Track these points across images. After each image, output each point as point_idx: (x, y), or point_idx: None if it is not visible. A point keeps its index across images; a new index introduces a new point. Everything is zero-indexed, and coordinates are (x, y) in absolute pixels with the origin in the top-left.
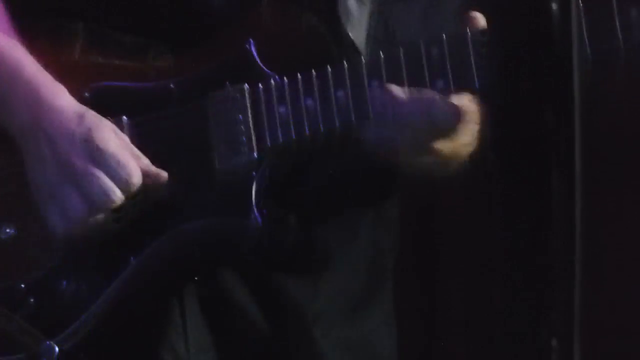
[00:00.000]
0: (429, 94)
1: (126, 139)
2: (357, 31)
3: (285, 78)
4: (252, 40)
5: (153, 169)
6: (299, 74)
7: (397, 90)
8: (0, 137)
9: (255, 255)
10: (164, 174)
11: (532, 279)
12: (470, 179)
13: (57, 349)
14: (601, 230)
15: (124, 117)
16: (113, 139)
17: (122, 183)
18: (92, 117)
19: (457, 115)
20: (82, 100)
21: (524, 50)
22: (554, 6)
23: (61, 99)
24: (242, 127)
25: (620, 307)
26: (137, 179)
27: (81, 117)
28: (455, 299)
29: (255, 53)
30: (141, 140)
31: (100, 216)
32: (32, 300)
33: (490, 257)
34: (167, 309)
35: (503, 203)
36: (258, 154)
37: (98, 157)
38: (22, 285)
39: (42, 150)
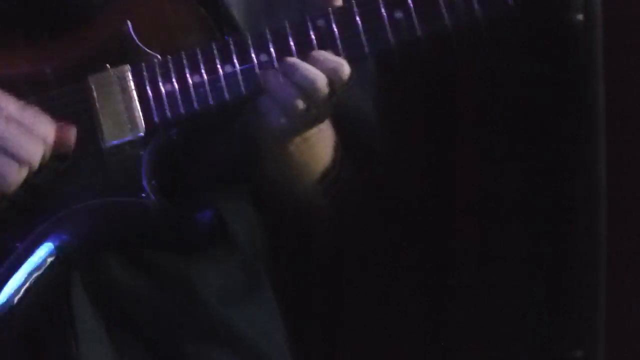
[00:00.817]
0: (319, 53)
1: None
2: (237, 8)
3: (169, 57)
4: (129, 22)
5: (60, 123)
6: (182, 52)
7: (289, 58)
8: None
9: (148, 234)
10: (73, 126)
11: (556, 289)
12: (489, 181)
13: None
14: (627, 236)
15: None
16: (11, 100)
17: (38, 133)
18: None
19: (349, 71)
20: None
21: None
22: (580, 17)
23: None
24: (127, 106)
25: None
26: (50, 128)
27: None
28: (473, 308)
29: (134, 34)
30: None
31: (26, 172)
32: None
33: (511, 265)
34: (53, 303)
35: (524, 208)
36: (145, 132)
37: (6, 118)
38: None
39: None
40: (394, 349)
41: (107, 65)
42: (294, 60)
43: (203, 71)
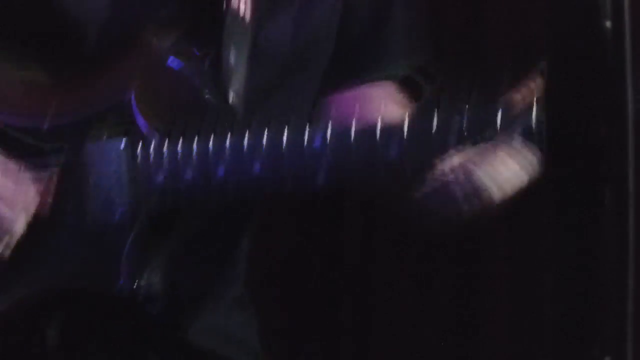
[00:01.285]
0: None
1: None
2: (237, 84)
3: (166, 143)
4: (133, 91)
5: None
6: (179, 143)
7: None
8: None
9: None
10: (50, 193)
11: (583, 294)
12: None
13: None
14: None
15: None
16: None
17: (20, 206)
18: None
19: None
20: None
21: (576, 64)
22: (608, 23)
23: None
24: (118, 185)
25: None
26: (31, 199)
27: None
28: (501, 314)
29: (135, 105)
30: None
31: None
32: None
33: (538, 271)
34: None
35: (552, 214)
36: (132, 214)
37: None
38: None
39: None
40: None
41: (105, 135)
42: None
43: (196, 169)
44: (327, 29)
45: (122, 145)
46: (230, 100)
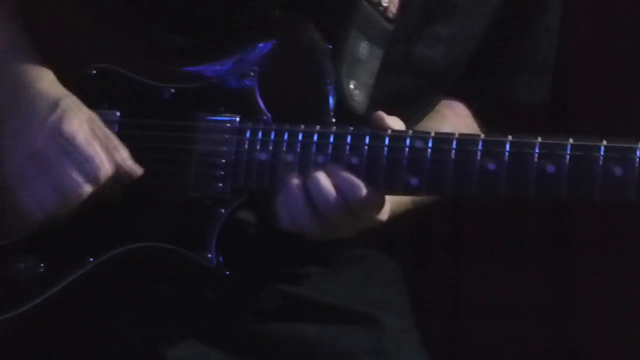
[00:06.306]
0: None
1: (102, 128)
2: (363, 78)
3: (274, 125)
4: (257, 69)
5: (128, 163)
6: (287, 126)
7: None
8: None
9: (201, 295)
10: (138, 170)
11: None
12: None
13: None
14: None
15: (117, 113)
16: (84, 129)
17: (90, 176)
18: (66, 105)
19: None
20: (86, 77)
21: None
22: None
23: (41, 82)
24: (223, 160)
25: None
26: (105, 172)
27: (55, 104)
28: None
29: (257, 84)
30: (125, 143)
31: (70, 206)
32: None
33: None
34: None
35: None
36: (231, 193)
37: (67, 148)
38: None
39: (17, 134)
40: None
41: (221, 108)
42: (319, 175)
43: (298, 153)
44: (470, 51)
45: (235, 124)
46: (350, 89)
